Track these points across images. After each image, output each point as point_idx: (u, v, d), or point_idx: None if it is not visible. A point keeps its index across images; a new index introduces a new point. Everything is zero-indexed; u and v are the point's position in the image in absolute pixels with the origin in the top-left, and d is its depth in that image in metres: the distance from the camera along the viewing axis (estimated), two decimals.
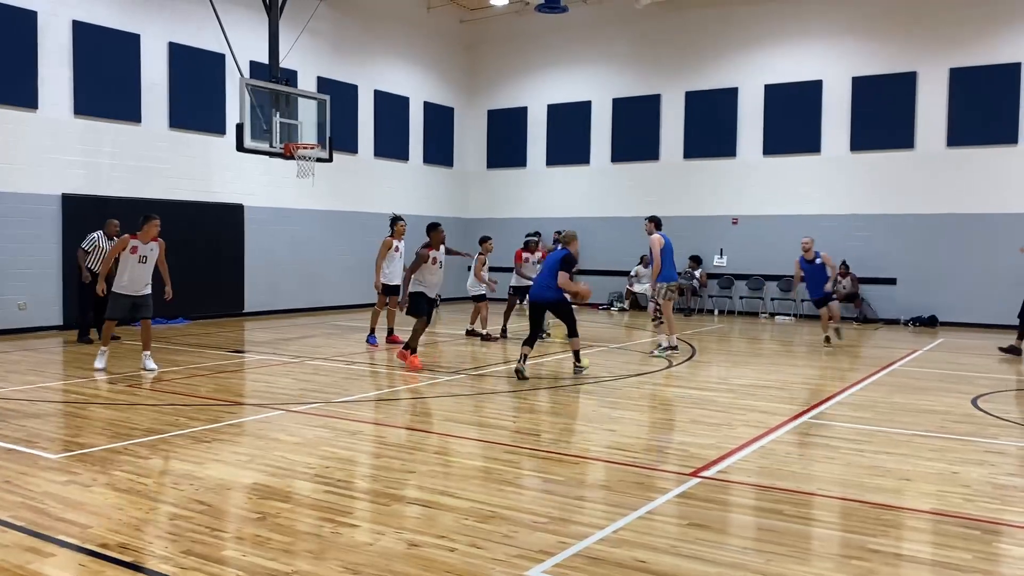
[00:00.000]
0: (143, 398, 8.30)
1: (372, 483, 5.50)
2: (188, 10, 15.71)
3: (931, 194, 17.31)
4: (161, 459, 5.96)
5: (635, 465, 5.97)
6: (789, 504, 5.10)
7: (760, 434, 6.97)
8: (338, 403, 8.20)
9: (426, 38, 21.62)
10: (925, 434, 7.11)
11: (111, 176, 14.80)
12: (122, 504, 4.93)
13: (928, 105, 17.31)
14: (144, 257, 10.01)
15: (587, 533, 4.49)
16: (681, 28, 19.98)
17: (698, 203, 19.70)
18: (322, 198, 18.47)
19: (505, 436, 6.86)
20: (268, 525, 4.60)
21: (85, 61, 14.33)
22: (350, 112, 19.21)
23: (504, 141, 22.64)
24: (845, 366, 11.61)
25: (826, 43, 18.41)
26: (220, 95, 16.45)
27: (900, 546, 4.43)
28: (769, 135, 18.99)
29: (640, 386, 9.45)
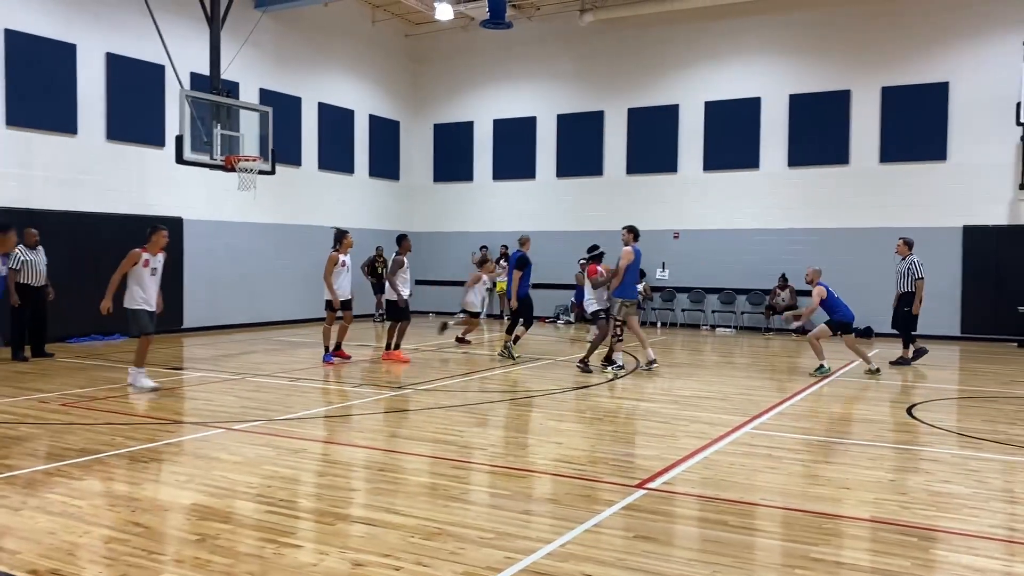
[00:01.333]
0: (77, 417, 8.05)
1: (316, 502, 5.41)
2: (127, 20, 15.39)
3: (865, 208, 17.81)
4: (96, 480, 5.78)
5: (581, 478, 5.99)
6: (733, 515, 5.16)
7: (703, 445, 7.05)
8: (281, 421, 8.05)
9: (371, 51, 21.54)
10: (863, 443, 7.27)
11: (44, 189, 14.37)
12: (54, 528, 4.76)
13: (862, 122, 17.84)
14: (155, 269, 9.78)
15: (534, 548, 4.48)
16: (624, 46, 20.27)
17: (641, 217, 19.83)
18: (265, 211, 18.21)
19: (452, 451, 6.82)
20: (208, 547, 4.48)
21: (18, 71, 13.91)
22: (294, 124, 19.01)
23: (450, 155, 22.64)
24: (784, 377, 11.83)
25: (764, 62, 18.85)
26: (159, 107, 16.13)
27: (841, 554, 4.51)
28: (709, 151, 19.34)
29: (585, 398, 9.49)
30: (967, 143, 16.91)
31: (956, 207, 16.96)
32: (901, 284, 13.14)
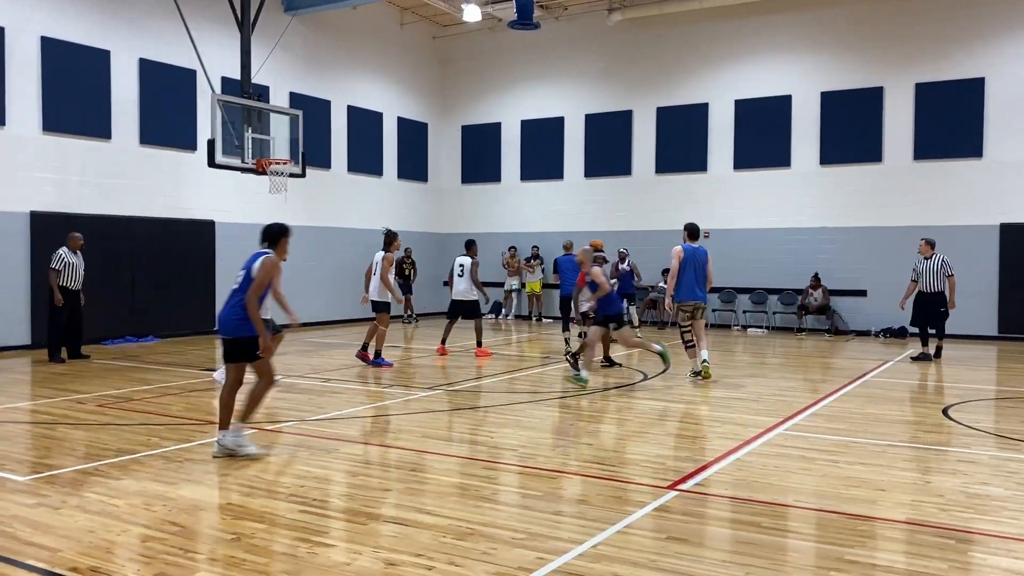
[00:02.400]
0: (113, 418, 8.17)
1: (348, 502, 5.45)
2: (159, 26, 15.61)
3: (899, 207, 17.57)
4: (133, 480, 5.86)
5: (612, 479, 5.97)
6: (766, 516, 5.11)
7: (736, 446, 7.00)
8: (313, 421, 8.12)
9: (399, 54, 21.64)
10: (898, 444, 7.17)
11: (80, 193, 14.62)
12: (93, 526, 4.84)
13: (895, 119, 17.60)
14: None
15: (566, 548, 4.48)
16: (652, 45, 20.18)
17: (670, 217, 19.80)
18: (295, 214, 18.33)
19: (482, 452, 6.83)
20: (243, 546, 4.53)
21: (54, 77, 14.17)
22: (323, 127, 19.16)
23: (478, 156, 22.68)
24: (818, 378, 11.71)
25: (795, 59, 18.67)
26: (191, 111, 16.34)
27: (876, 556, 4.45)
28: (739, 150, 19.19)
29: (616, 399, 9.46)
30: (1004, 139, 16.61)
31: (993, 205, 16.68)
32: (931, 284, 12.97)
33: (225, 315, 6.61)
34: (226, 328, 6.61)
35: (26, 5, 13.85)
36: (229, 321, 6.56)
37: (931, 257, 13.03)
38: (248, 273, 6.58)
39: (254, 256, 6.73)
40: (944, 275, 12.88)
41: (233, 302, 6.59)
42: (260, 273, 6.51)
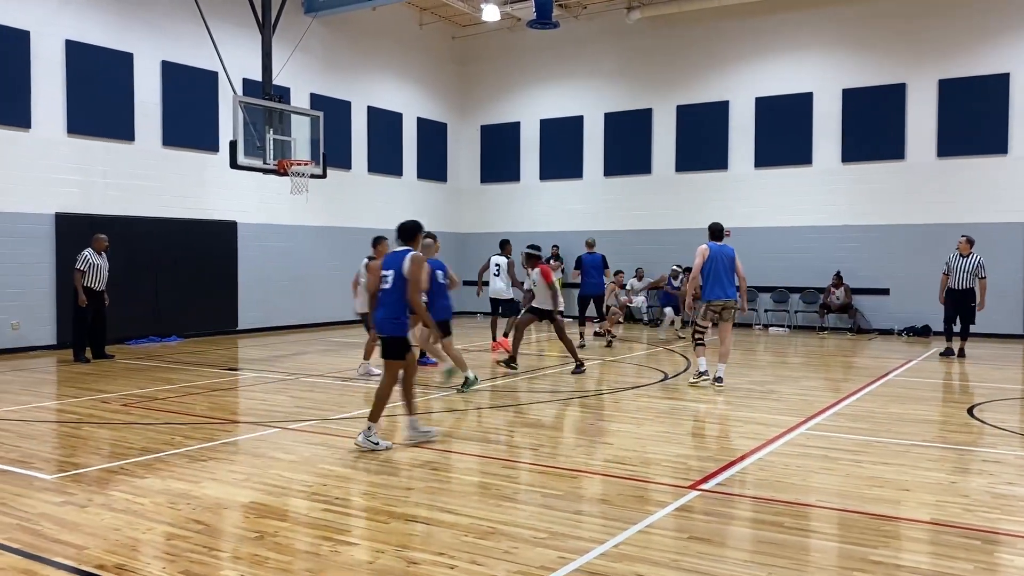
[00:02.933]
0: (137, 417, 8.26)
1: (370, 500, 5.47)
2: (181, 29, 15.74)
3: (922, 204, 17.40)
4: (157, 478, 5.92)
5: (633, 478, 5.96)
6: (789, 516, 5.09)
7: (758, 446, 6.96)
8: (334, 420, 8.16)
9: (418, 54, 21.70)
10: (923, 444, 7.11)
11: (104, 195, 14.78)
12: (119, 524, 4.89)
13: (918, 116, 17.43)
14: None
15: (587, 548, 4.47)
16: (672, 42, 20.10)
17: (690, 216, 19.74)
18: (316, 214, 18.47)
19: (503, 451, 6.84)
20: (266, 544, 4.57)
21: (78, 80, 14.33)
22: (343, 128, 19.24)
23: (497, 156, 22.69)
24: (840, 377, 11.63)
25: (816, 56, 18.54)
26: (213, 113, 16.47)
27: (901, 557, 4.42)
28: (760, 148, 19.08)
29: (636, 399, 9.43)
30: None
31: (1018, 202, 16.48)
32: (962, 282, 13.09)
33: (380, 316, 6.81)
34: (381, 328, 6.84)
35: (50, 9, 14.02)
36: (385, 321, 6.78)
37: (968, 256, 13.17)
38: (398, 272, 6.78)
39: (397, 255, 6.89)
40: (977, 276, 13.04)
41: (387, 303, 6.80)
42: (412, 270, 6.72)
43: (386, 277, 6.84)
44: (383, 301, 6.86)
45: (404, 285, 6.74)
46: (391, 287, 6.80)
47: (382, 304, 6.86)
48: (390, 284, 6.81)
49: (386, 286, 6.83)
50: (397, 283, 6.77)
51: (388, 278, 6.83)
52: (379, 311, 6.88)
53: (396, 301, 6.78)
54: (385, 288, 6.85)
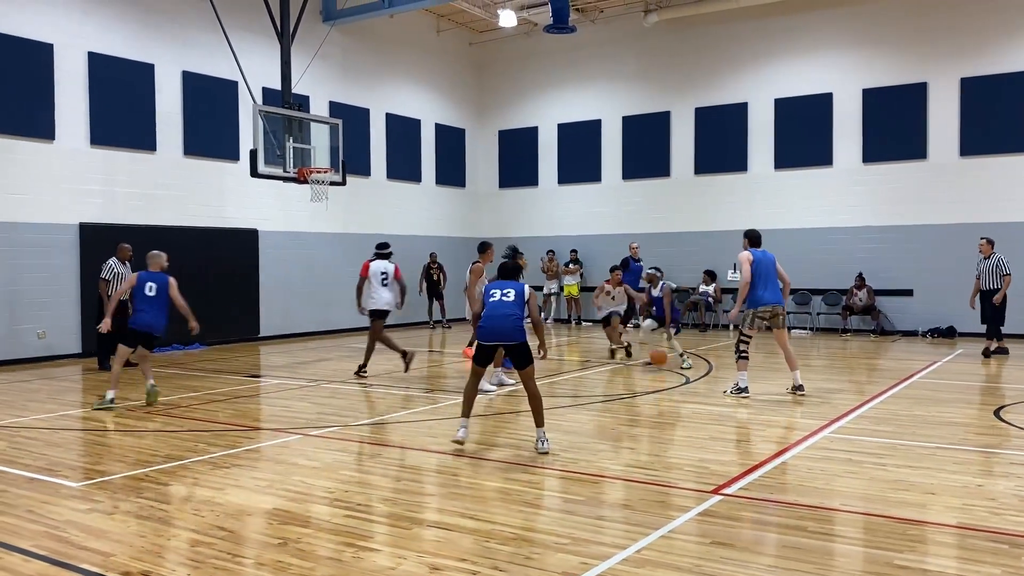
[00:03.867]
0: (162, 424, 8.33)
1: (392, 506, 5.49)
2: (201, 39, 15.90)
3: (945, 204, 17.22)
4: (182, 485, 5.97)
5: (655, 483, 5.94)
6: (813, 520, 5.05)
7: (781, 450, 6.92)
8: (356, 426, 8.20)
9: (436, 61, 21.77)
10: (948, 447, 7.03)
11: (127, 204, 14.94)
12: (144, 531, 4.94)
13: (940, 115, 17.26)
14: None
15: (609, 554, 4.46)
16: (689, 45, 20.05)
17: (710, 218, 19.68)
18: (336, 221, 18.57)
19: (524, 456, 6.84)
20: (289, 550, 4.59)
21: (101, 92, 14.51)
22: (362, 135, 19.34)
23: (515, 161, 22.71)
24: (863, 379, 11.53)
25: (835, 56, 18.42)
26: (233, 122, 16.61)
27: (927, 561, 4.37)
28: (780, 149, 18.98)
29: (658, 403, 9.40)
30: None
31: None
32: (989, 282, 13.45)
33: (510, 327, 7.09)
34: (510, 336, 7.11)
35: (73, 21, 14.20)
36: (515, 330, 7.09)
37: (990, 256, 13.49)
38: (519, 293, 7.24)
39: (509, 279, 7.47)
40: (1000, 274, 13.31)
41: (508, 314, 7.15)
42: (530, 296, 7.29)
43: (507, 292, 7.27)
44: (502, 310, 7.19)
45: None
46: (513, 302, 7.26)
47: (502, 314, 7.16)
48: (513, 299, 7.24)
49: (507, 300, 7.24)
50: (519, 300, 7.30)
51: (510, 292, 7.26)
52: (502, 322, 7.14)
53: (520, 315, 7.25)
54: (506, 301, 7.26)
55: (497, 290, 7.32)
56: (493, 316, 7.13)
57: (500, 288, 7.35)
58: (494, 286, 7.41)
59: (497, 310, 7.16)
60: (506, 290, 7.29)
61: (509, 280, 7.49)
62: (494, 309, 7.17)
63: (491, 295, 7.31)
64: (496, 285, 7.39)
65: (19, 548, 4.65)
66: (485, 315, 7.20)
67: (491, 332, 7.11)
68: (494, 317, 7.13)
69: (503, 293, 7.29)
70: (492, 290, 7.36)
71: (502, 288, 7.33)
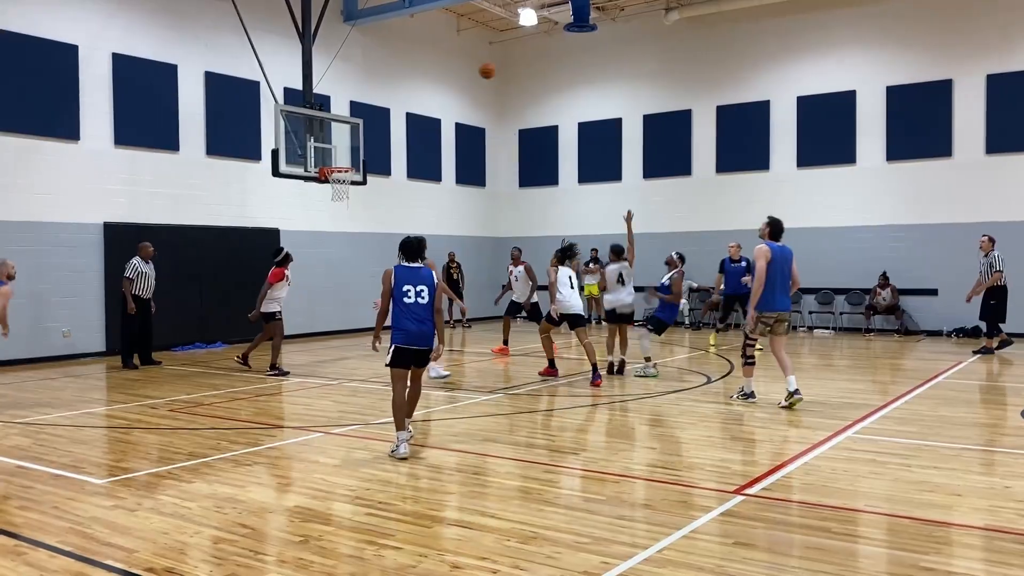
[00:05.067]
0: (184, 423, 8.40)
1: (413, 505, 5.50)
2: (223, 40, 16.01)
3: (970, 202, 17.01)
4: (204, 483, 6.01)
5: (677, 483, 5.90)
6: (836, 521, 5.00)
7: (804, 450, 6.86)
8: (377, 425, 8.22)
9: (456, 60, 21.79)
10: (974, 448, 6.94)
11: (151, 204, 15.08)
12: (167, 528, 4.97)
13: (965, 112, 17.05)
14: None
15: (631, 553, 4.44)
16: (711, 42, 19.94)
17: (732, 217, 19.54)
18: (357, 221, 18.63)
19: (544, 455, 6.82)
20: (311, 548, 4.61)
21: (125, 92, 14.65)
22: (383, 135, 19.40)
23: (535, 160, 22.69)
24: (887, 379, 11.41)
25: (859, 53, 18.24)
26: (255, 122, 16.72)
27: (953, 564, 4.31)
28: (803, 147, 18.83)
29: (679, 403, 9.35)
30: None
31: None
32: (986, 278, 13.74)
33: (418, 329, 6.90)
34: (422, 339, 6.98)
35: (98, 23, 14.35)
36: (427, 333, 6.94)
37: (988, 253, 13.68)
38: (431, 290, 6.97)
39: (419, 272, 7.01)
40: (993, 270, 13.58)
41: (423, 316, 6.95)
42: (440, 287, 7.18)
43: (420, 291, 6.98)
44: (421, 316, 6.99)
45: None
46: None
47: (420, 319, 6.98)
48: (426, 299, 7.00)
49: (423, 300, 6.98)
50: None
51: (423, 292, 6.99)
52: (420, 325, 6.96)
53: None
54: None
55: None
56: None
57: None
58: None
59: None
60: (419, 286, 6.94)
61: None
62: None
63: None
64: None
65: (45, 544, 4.70)
66: None
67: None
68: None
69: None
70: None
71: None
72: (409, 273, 6.95)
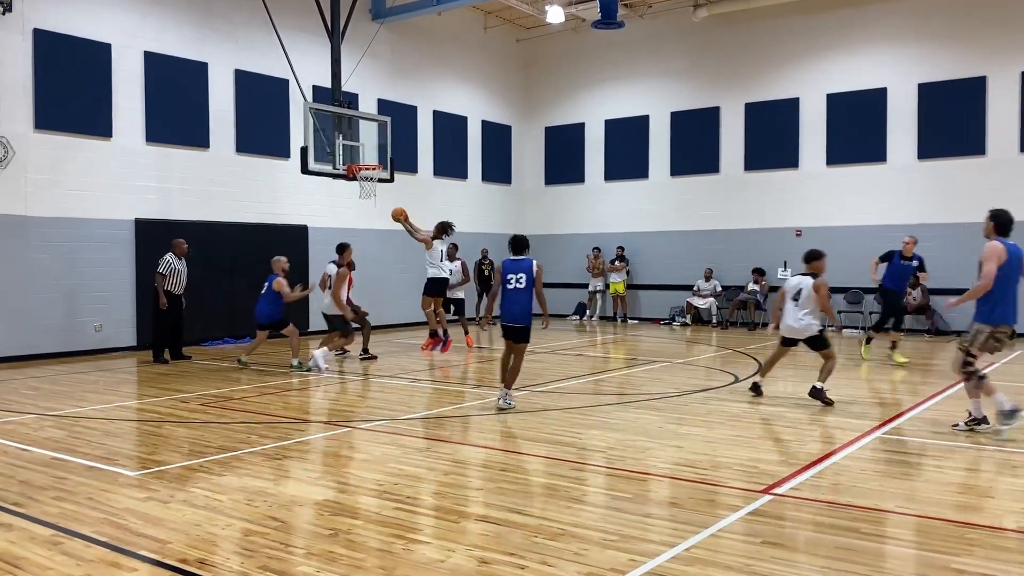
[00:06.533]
0: (215, 416, 8.50)
1: (440, 500, 5.53)
2: (253, 38, 16.15)
3: (1004, 201, 16.46)
4: (235, 476, 6.09)
5: (703, 482, 5.89)
6: (865, 522, 4.96)
7: (833, 450, 6.81)
8: (404, 420, 8.27)
9: (483, 58, 21.82)
10: (1006, 450, 6.85)
11: (181, 201, 15.26)
12: (199, 520, 5.04)
13: (999, 110, 16.79)
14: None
15: (658, 551, 4.44)
16: (739, 39, 19.80)
17: (760, 215, 19.42)
18: (384, 218, 18.59)
19: (570, 453, 6.83)
20: (340, 541, 4.65)
21: (156, 90, 14.84)
22: (410, 133, 19.47)
23: (562, 157, 22.66)
24: (917, 380, 11.29)
25: (890, 50, 18.03)
26: (284, 119, 16.85)
27: (986, 566, 4.27)
28: (832, 145, 18.64)
29: (706, 402, 9.31)
30: None
31: None
32: None
33: (513, 310, 8.80)
34: (521, 319, 8.86)
35: (131, 22, 14.54)
36: (518, 313, 8.79)
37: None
38: (529, 276, 8.66)
39: (520, 262, 8.77)
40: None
41: (517, 299, 8.76)
42: (539, 276, 8.74)
43: (519, 279, 8.56)
44: (516, 299, 8.60)
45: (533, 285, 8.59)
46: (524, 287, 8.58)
47: (515, 302, 8.61)
48: (523, 285, 8.55)
49: (520, 287, 8.56)
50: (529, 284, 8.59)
51: (522, 280, 8.55)
52: (514, 307, 8.64)
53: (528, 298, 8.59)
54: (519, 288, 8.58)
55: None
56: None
57: (512, 272, 8.65)
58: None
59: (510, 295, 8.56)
60: (518, 275, 8.60)
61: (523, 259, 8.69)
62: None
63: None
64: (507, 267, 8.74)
65: (80, 534, 4.79)
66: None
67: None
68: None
69: (515, 279, 8.61)
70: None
71: (514, 272, 8.64)
72: (512, 264, 8.69)
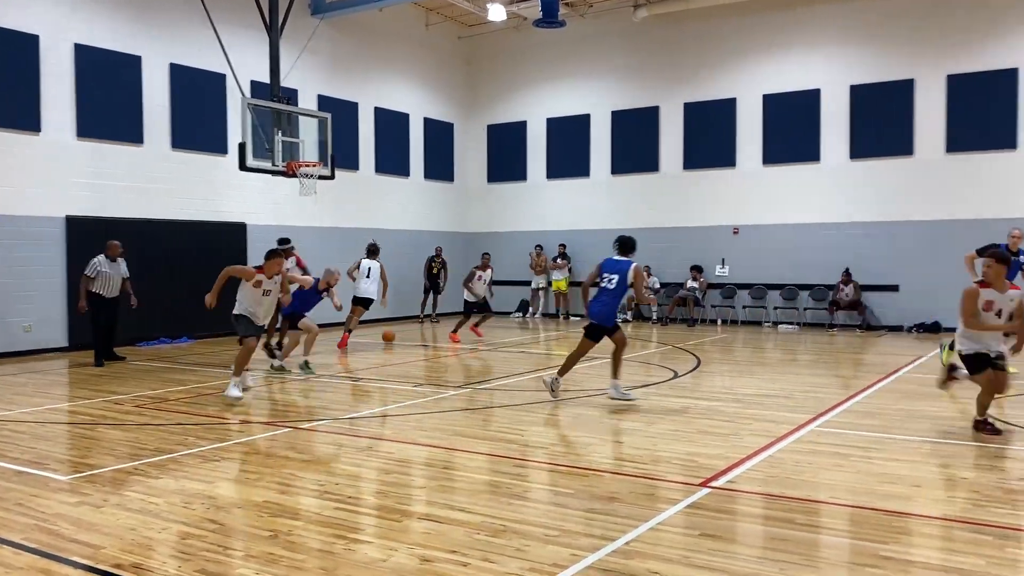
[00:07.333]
0: (150, 418, 8.31)
1: (382, 499, 5.51)
2: (189, 31, 15.81)
3: (931, 200, 17.34)
4: (171, 479, 5.97)
5: (644, 476, 5.98)
6: (800, 513, 5.10)
7: (768, 443, 6.97)
8: (345, 419, 8.21)
9: (425, 55, 21.73)
10: (934, 440, 7.11)
11: (116, 197, 14.86)
12: (134, 524, 4.93)
13: (926, 112, 17.38)
14: (267, 291, 10.03)
15: (599, 545, 4.50)
16: (678, 40, 20.09)
17: (699, 213, 19.76)
18: (324, 215, 18.52)
19: (513, 449, 6.86)
20: (280, 543, 4.60)
21: (87, 84, 14.42)
22: (351, 129, 19.29)
23: (504, 155, 22.72)
24: (850, 374, 11.61)
25: (823, 52, 18.50)
26: (222, 115, 16.53)
27: (912, 552, 4.43)
28: (768, 145, 19.06)
29: (646, 397, 9.44)
30: None
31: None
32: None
33: (599, 310, 8.84)
34: (600, 318, 8.83)
35: (60, 13, 14.10)
36: (605, 314, 8.81)
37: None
38: (622, 278, 8.70)
39: (619, 263, 8.79)
40: None
41: (605, 300, 8.80)
42: (636, 278, 8.67)
43: (611, 279, 8.70)
44: (600, 298, 8.78)
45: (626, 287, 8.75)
46: (614, 289, 8.71)
47: (600, 301, 8.78)
48: (614, 286, 8.70)
49: (609, 287, 8.72)
50: (619, 287, 8.71)
51: (612, 280, 8.70)
52: (598, 306, 8.80)
53: (613, 301, 8.78)
54: (608, 288, 8.74)
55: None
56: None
57: (608, 271, 8.80)
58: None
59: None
60: (609, 276, 8.73)
61: (620, 261, 8.77)
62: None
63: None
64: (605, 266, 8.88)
65: (9, 541, 4.65)
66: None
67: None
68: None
69: (609, 279, 8.79)
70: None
71: (609, 272, 8.78)
72: (611, 264, 8.83)
